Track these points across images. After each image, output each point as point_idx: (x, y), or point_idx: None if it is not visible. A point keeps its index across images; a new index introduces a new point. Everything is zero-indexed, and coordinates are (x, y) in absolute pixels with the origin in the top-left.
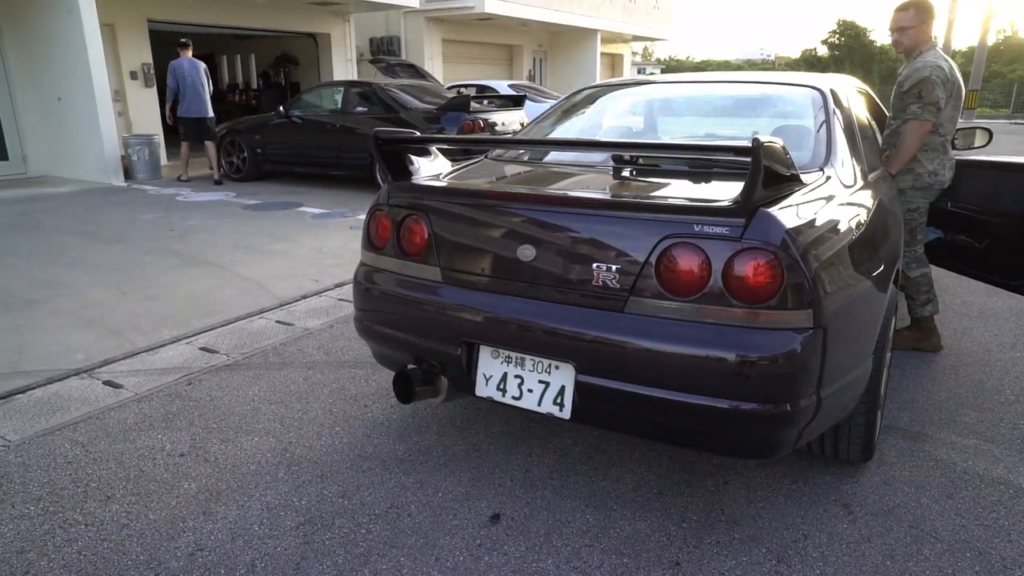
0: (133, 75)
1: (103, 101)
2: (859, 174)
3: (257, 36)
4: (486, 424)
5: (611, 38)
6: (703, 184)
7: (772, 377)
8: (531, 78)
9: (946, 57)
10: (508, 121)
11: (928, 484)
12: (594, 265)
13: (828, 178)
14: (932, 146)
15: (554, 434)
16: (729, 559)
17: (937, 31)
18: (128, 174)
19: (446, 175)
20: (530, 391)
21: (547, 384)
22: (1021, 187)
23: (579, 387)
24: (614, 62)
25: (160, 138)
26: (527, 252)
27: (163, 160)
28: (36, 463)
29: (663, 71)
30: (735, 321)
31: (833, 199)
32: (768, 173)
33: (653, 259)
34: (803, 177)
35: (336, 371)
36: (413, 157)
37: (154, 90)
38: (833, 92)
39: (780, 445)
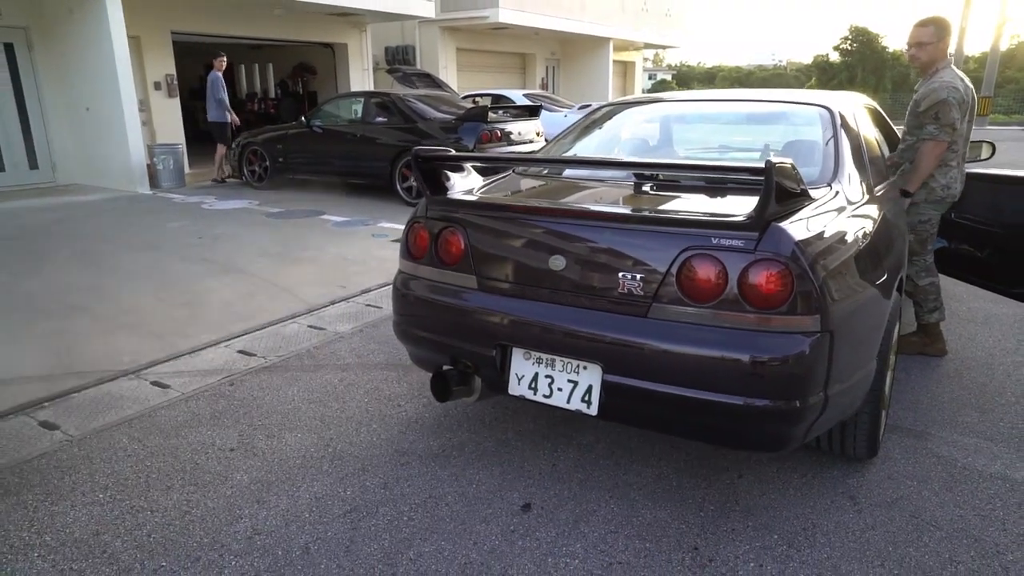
0: (157, 85)
1: (130, 111)
2: (865, 189)
3: (275, 46)
4: (514, 422)
5: (623, 46)
6: (719, 199)
7: (783, 376)
8: (544, 86)
9: (961, 75)
10: (524, 131)
11: (929, 478)
12: (620, 274)
13: (836, 193)
14: (945, 161)
15: (578, 431)
16: (743, 544)
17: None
18: (153, 182)
19: (479, 189)
20: (559, 390)
21: (575, 383)
22: (1018, 198)
23: (606, 386)
24: (626, 69)
25: (183, 147)
26: (558, 262)
27: (186, 168)
28: (98, 456)
29: (674, 77)
30: (749, 325)
31: (840, 213)
32: (779, 190)
33: (674, 269)
34: (812, 192)
35: (369, 373)
36: (448, 173)
37: (177, 100)
38: (841, 110)
39: (790, 439)
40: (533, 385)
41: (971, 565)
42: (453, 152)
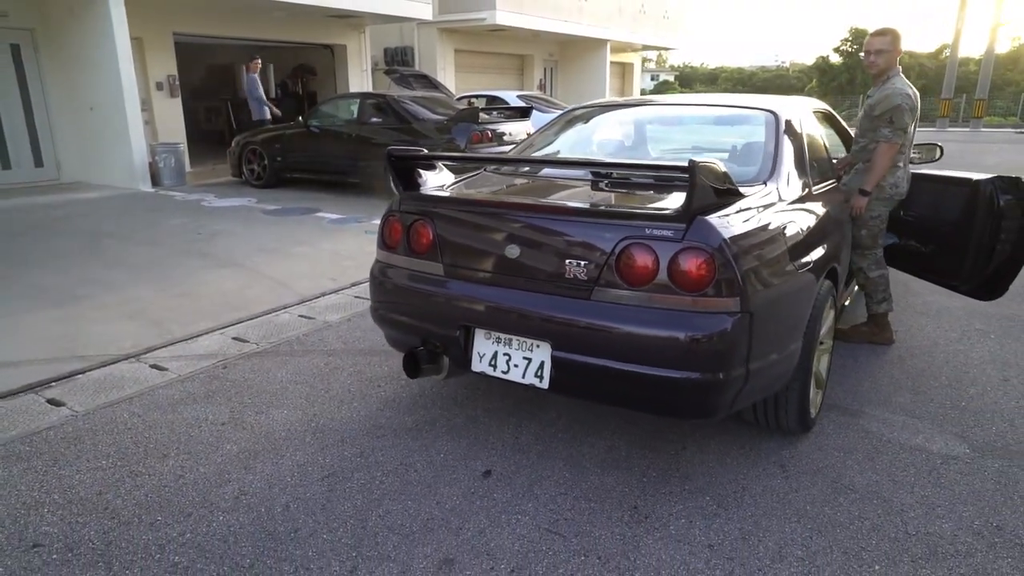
0: (159, 86)
1: (133, 111)
2: (802, 187)
3: (276, 47)
4: (483, 401)
5: (621, 48)
6: (663, 195)
7: (708, 351)
8: (542, 87)
9: (909, 83)
10: (515, 131)
11: (855, 450)
12: (566, 261)
13: (770, 191)
14: (894, 162)
15: (541, 409)
16: (678, 504)
17: (943, 41)
18: (155, 180)
19: (449, 185)
20: (516, 366)
21: (529, 360)
22: (958, 199)
23: (555, 362)
24: (624, 71)
25: (184, 146)
26: (513, 251)
27: (187, 167)
28: (102, 428)
29: (676, 78)
30: (678, 306)
31: (770, 208)
32: (705, 187)
33: (614, 256)
34: (745, 189)
35: (353, 357)
36: (421, 171)
37: (179, 100)
38: (787, 115)
39: (717, 408)
40: (493, 362)
41: (876, 521)
42: (424, 151)
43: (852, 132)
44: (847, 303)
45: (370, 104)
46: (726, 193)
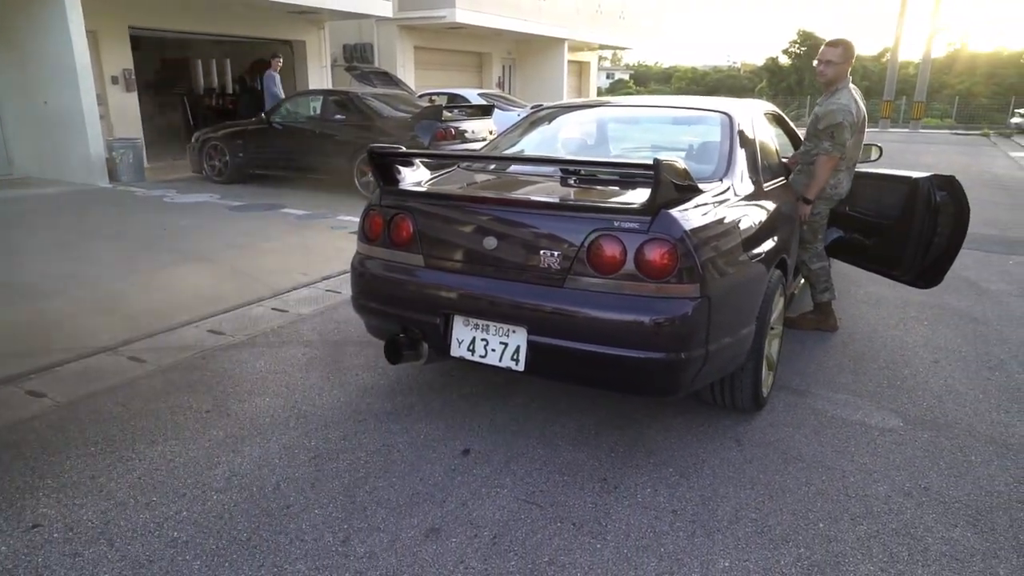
0: (115, 80)
1: (89, 105)
2: (754, 184)
3: (235, 42)
4: (459, 387)
5: (578, 47)
6: (629, 191)
7: (670, 333)
8: (500, 85)
9: (856, 96)
10: (477, 129)
11: (803, 425)
12: (541, 251)
13: (726, 187)
14: (836, 170)
15: (513, 393)
16: (644, 475)
17: (886, 44)
18: (112, 176)
19: (427, 181)
20: (493, 350)
21: (506, 344)
22: (899, 196)
23: (531, 345)
24: (581, 69)
25: (142, 141)
26: (490, 242)
27: (145, 163)
28: (86, 417)
29: (632, 77)
30: (644, 292)
31: (726, 203)
32: (668, 184)
33: (585, 246)
34: (703, 186)
35: (329, 348)
36: (400, 167)
37: (135, 95)
38: (740, 117)
39: (679, 386)
40: (471, 347)
41: (820, 487)
42: (404, 149)
43: (800, 133)
44: (795, 292)
45: (333, 101)
46: (686, 189)
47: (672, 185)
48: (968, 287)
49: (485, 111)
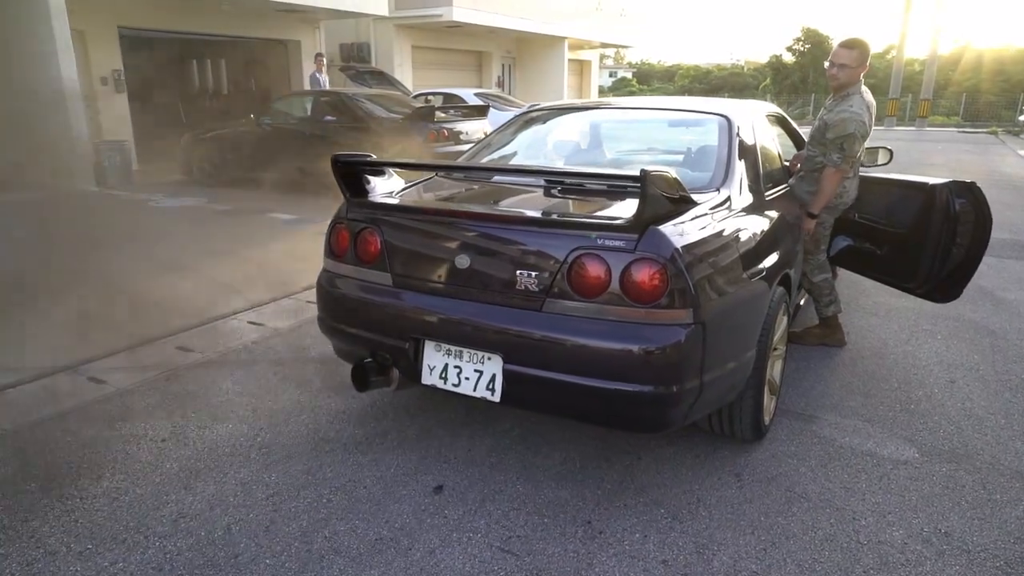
0: (104, 81)
1: (75, 107)
2: (754, 193)
3: (228, 42)
4: (436, 412)
5: (578, 45)
6: (616, 203)
7: (661, 364)
8: (500, 84)
9: (868, 100)
10: (472, 130)
11: (808, 457)
12: (517, 271)
13: (723, 198)
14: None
15: (495, 420)
16: (632, 517)
17: (891, 42)
18: (100, 180)
19: (399, 192)
20: (467, 379)
21: (481, 372)
22: (913, 203)
23: (506, 374)
24: (582, 68)
25: (131, 144)
26: (463, 261)
27: (135, 165)
28: (31, 448)
29: (634, 75)
30: (630, 318)
31: (723, 216)
32: (657, 197)
33: (565, 266)
34: (699, 196)
35: (303, 366)
36: (369, 176)
37: (125, 96)
38: (739, 120)
39: (671, 420)
40: (443, 375)
41: (829, 531)
42: (373, 157)
43: (804, 135)
44: (800, 304)
45: (324, 102)
46: (679, 201)
47: (661, 198)
48: (983, 296)
49: (480, 112)
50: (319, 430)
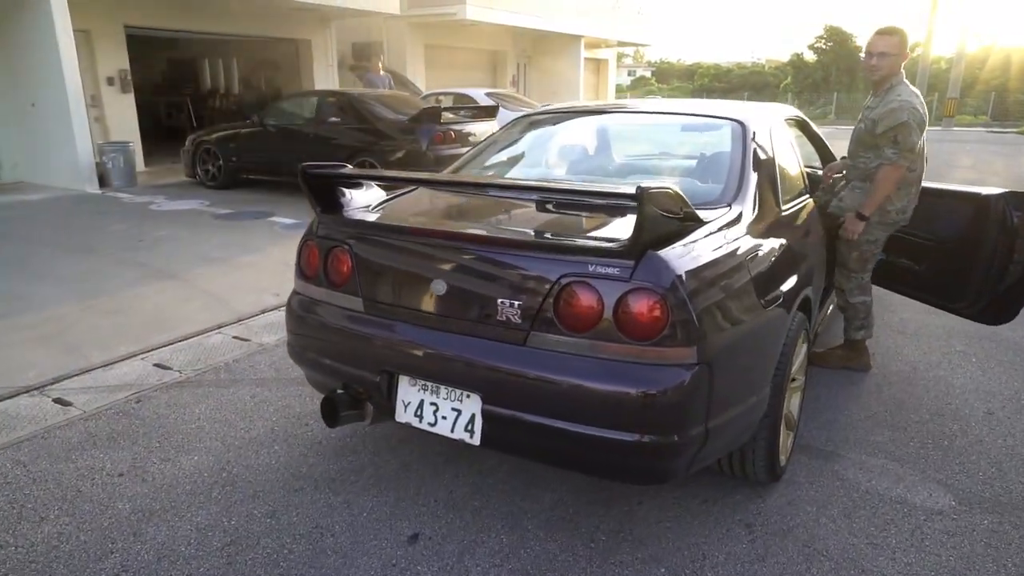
0: (110, 81)
1: (76, 108)
2: (771, 208)
3: (240, 41)
4: (419, 444)
5: (595, 43)
6: (618, 220)
7: (658, 410)
8: (514, 83)
9: (915, 90)
10: (481, 131)
11: (830, 504)
12: (499, 300)
13: (735, 215)
14: (905, 185)
15: (481, 455)
16: None
17: (917, 39)
18: (103, 181)
19: (376, 205)
20: (444, 418)
21: (459, 412)
22: (962, 215)
23: (486, 416)
24: (599, 67)
25: (136, 145)
26: (439, 287)
27: (140, 167)
28: None
29: (653, 74)
30: (625, 357)
31: (734, 236)
32: (656, 218)
33: (552, 296)
34: (708, 214)
35: (284, 389)
36: (345, 189)
37: (131, 96)
38: (755, 126)
39: (672, 472)
40: (419, 412)
41: None
42: (349, 167)
43: (826, 141)
44: (824, 316)
45: (329, 102)
46: (684, 219)
47: (661, 218)
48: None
49: (490, 112)
50: (291, 464)
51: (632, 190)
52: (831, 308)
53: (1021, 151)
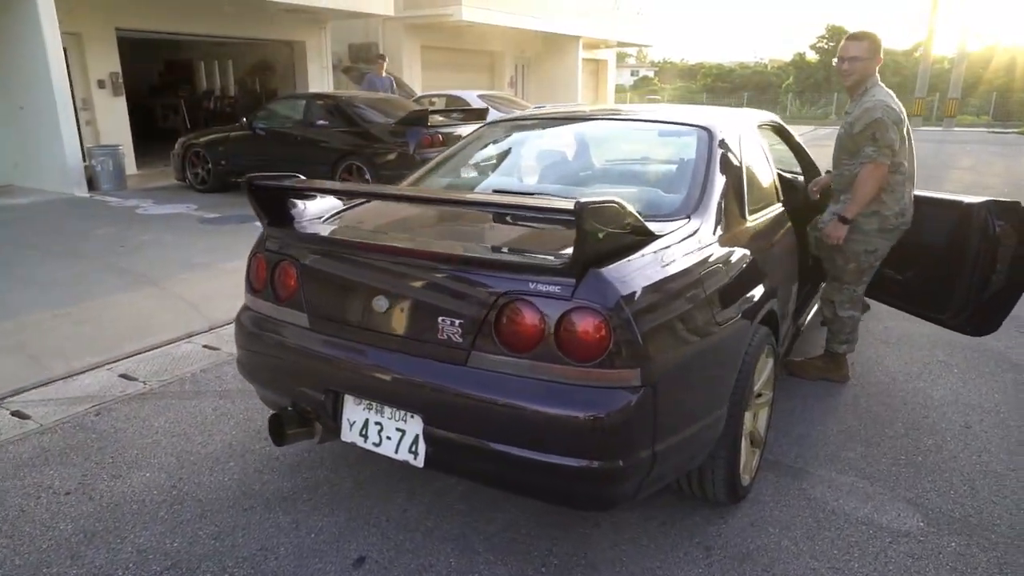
0: (101, 84)
1: (64, 111)
2: (735, 218)
3: (235, 43)
4: (378, 460)
5: (594, 44)
6: (570, 233)
7: (602, 434)
8: (512, 85)
9: (890, 92)
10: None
11: (794, 525)
12: (440, 318)
13: (693, 228)
14: (894, 186)
15: (438, 473)
16: None
17: (918, 39)
18: (92, 185)
19: (328, 218)
20: (388, 438)
21: (403, 432)
22: (944, 223)
23: (427, 437)
24: (598, 68)
25: (126, 148)
26: (380, 303)
27: (132, 170)
28: None
29: (656, 74)
30: (566, 379)
31: (690, 249)
32: (595, 234)
33: (493, 315)
34: (664, 226)
35: (248, 400)
36: (296, 200)
37: (123, 99)
38: (724, 133)
39: (617, 498)
40: (364, 432)
41: None
42: (302, 177)
43: (804, 147)
44: (802, 327)
45: (318, 105)
46: (634, 233)
47: (603, 234)
48: (1008, 322)
49: (479, 115)
50: (245, 481)
51: (570, 205)
52: (810, 318)
53: (1022, 151)
